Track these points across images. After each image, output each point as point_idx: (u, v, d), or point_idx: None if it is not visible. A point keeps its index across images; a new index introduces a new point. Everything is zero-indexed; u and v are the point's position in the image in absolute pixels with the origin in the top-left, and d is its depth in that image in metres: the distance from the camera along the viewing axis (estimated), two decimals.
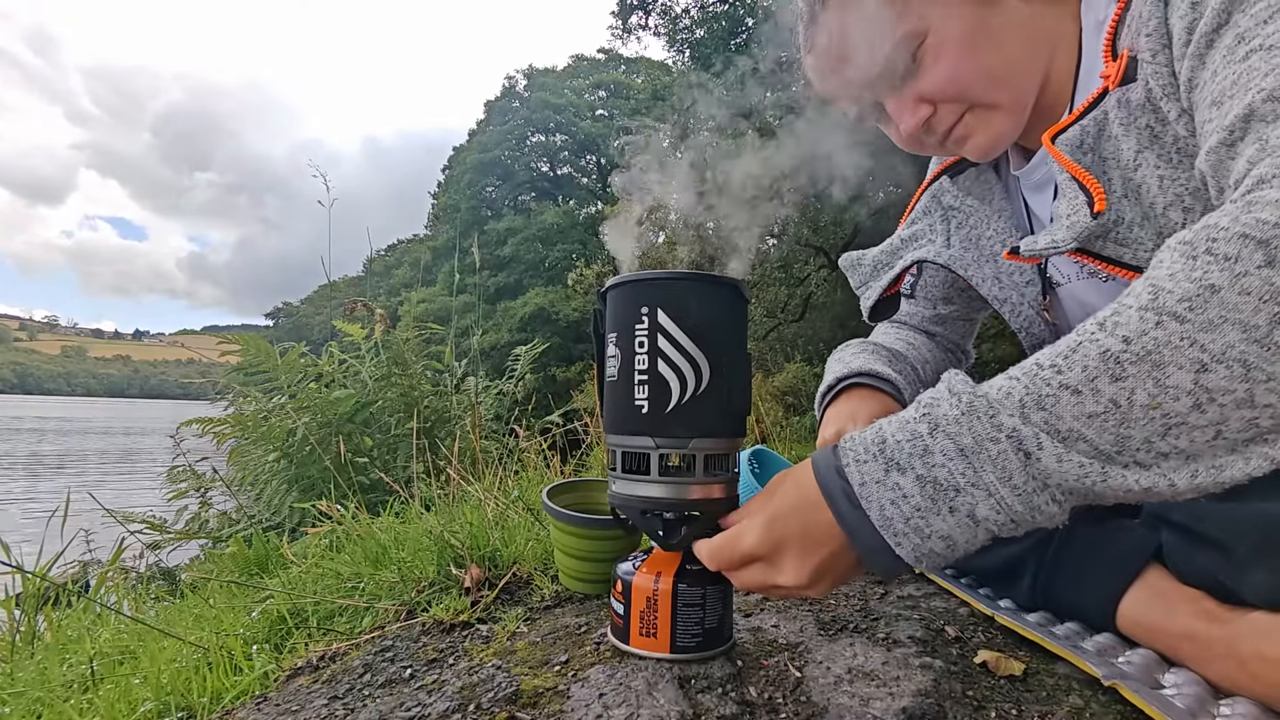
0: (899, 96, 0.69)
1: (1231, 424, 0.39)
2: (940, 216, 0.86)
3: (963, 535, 0.45)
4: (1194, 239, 0.42)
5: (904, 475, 0.46)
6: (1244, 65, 0.48)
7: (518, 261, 23.67)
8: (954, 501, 0.45)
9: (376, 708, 0.61)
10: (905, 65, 0.66)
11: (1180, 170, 0.58)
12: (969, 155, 0.73)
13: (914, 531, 0.46)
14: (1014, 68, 0.66)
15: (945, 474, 0.45)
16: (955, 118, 0.68)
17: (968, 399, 0.45)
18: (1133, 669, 0.56)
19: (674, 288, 0.59)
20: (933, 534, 0.46)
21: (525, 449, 2.22)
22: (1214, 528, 0.55)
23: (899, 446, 0.47)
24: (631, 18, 10.55)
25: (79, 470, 12.58)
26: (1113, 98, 0.60)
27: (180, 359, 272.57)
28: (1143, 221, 0.60)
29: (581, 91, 30.48)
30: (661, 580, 0.61)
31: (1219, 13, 0.51)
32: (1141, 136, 0.59)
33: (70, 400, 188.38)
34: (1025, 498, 0.43)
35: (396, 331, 2.84)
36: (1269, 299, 0.37)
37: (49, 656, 1.10)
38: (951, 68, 0.65)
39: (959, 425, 0.45)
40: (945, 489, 0.45)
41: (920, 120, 0.69)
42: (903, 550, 0.46)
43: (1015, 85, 0.67)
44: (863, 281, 0.93)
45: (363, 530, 1.25)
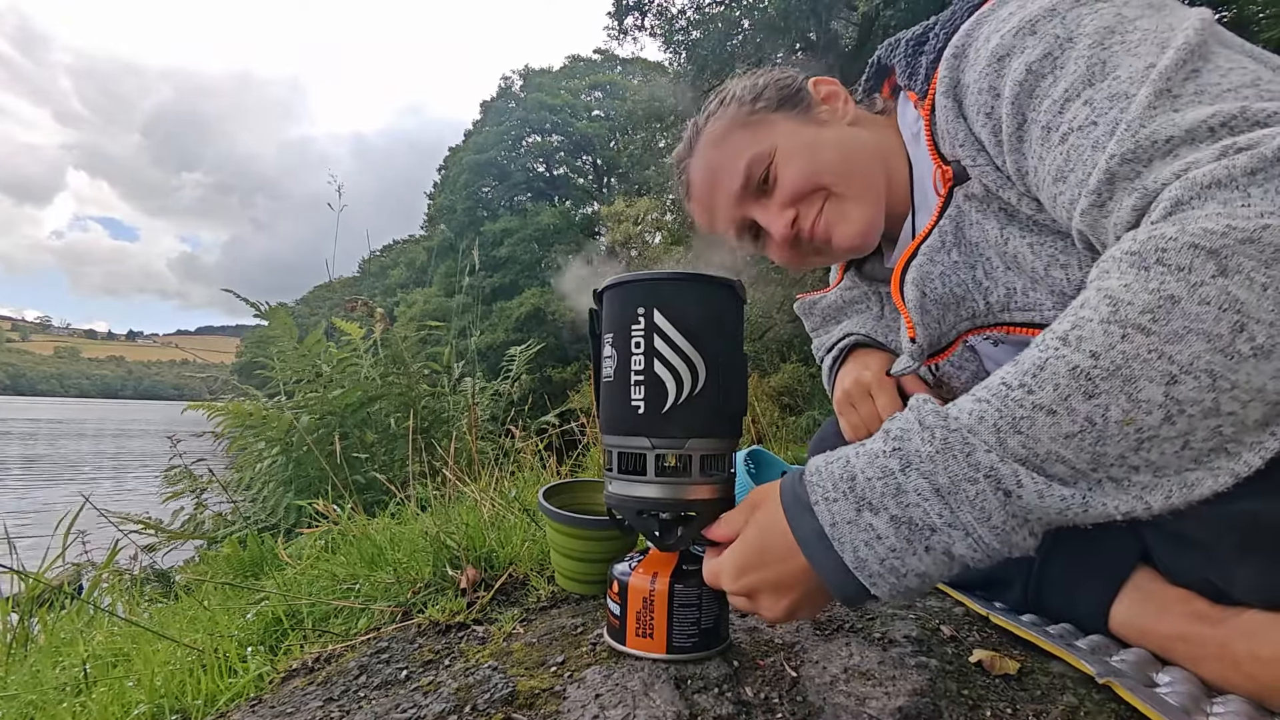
0: (765, 209, 0.77)
1: (1198, 434, 0.40)
2: (872, 289, 0.92)
3: (938, 571, 0.46)
4: (1140, 249, 0.42)
5: (877, 516, 0.45)
6: (1066, 146, 0.51)
7: (514, 262, 23.66)
8: (930, 541, 0.44)
9: (372, 709, 0.60)
10: (762, 178, 0.76)
11: (1043, 236, 0.61)
12: (839, 250, 0.76)
13: (889, 572, 0.46)
14: (853, 163, 0.74)
15: (920, 514, 0.44)
16: (816, 211, 0.75)
17: (941, 434, 0.44)
18: (1126, 667, 0.56)
19: (670, 288, 0.59)
20: (908, 573, 0.45)
21: (521, 449, 2.22)
22: (1196, 528, 0.55)
23: (870, 485, 0.46)
24: (627, 19, 10.55)
25: (73, 472, 12.52)
26: (959, 194, 0.65)
27: (174, 359, 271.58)
28: (1034, 285, 0.64)
29: (578, 92, 30.48)
30: (658, 581, 0.61)
31: (1013, 117, 0.55)
32: (999, 216, 0.63)
33: (63, 401, 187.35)
34: (1003, 535, 0.43)
35: (395, 331, 2.83)
36: (1228, 308, 0.38)
37: (42, 659, 1.10)
38: (799, 166, 0.74)
39: (933, 464, 0.44)
40: (920, 529, 0.44)
41: (788, 222, 0.75)
42: (878, 590, 0.46)
43: (860, 176, 0.74)
44: (814, 328, 1.01)
45: (358, 531, 1.24)
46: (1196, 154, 0.43)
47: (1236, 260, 0.38)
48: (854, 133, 0.76)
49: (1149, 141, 0.46)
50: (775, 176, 0.75)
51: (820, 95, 0.78)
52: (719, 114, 0.79)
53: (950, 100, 0.62)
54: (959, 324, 0.72)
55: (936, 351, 0.75)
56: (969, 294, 0.69)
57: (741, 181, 0.76)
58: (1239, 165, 0.40)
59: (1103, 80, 0.50)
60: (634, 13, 10.47)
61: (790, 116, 0.77)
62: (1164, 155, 0.45)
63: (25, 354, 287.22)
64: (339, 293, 6.07)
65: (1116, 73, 0.50)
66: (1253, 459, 0.40)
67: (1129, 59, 0.49)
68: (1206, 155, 0.43)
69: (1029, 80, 0.53)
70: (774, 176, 0.75)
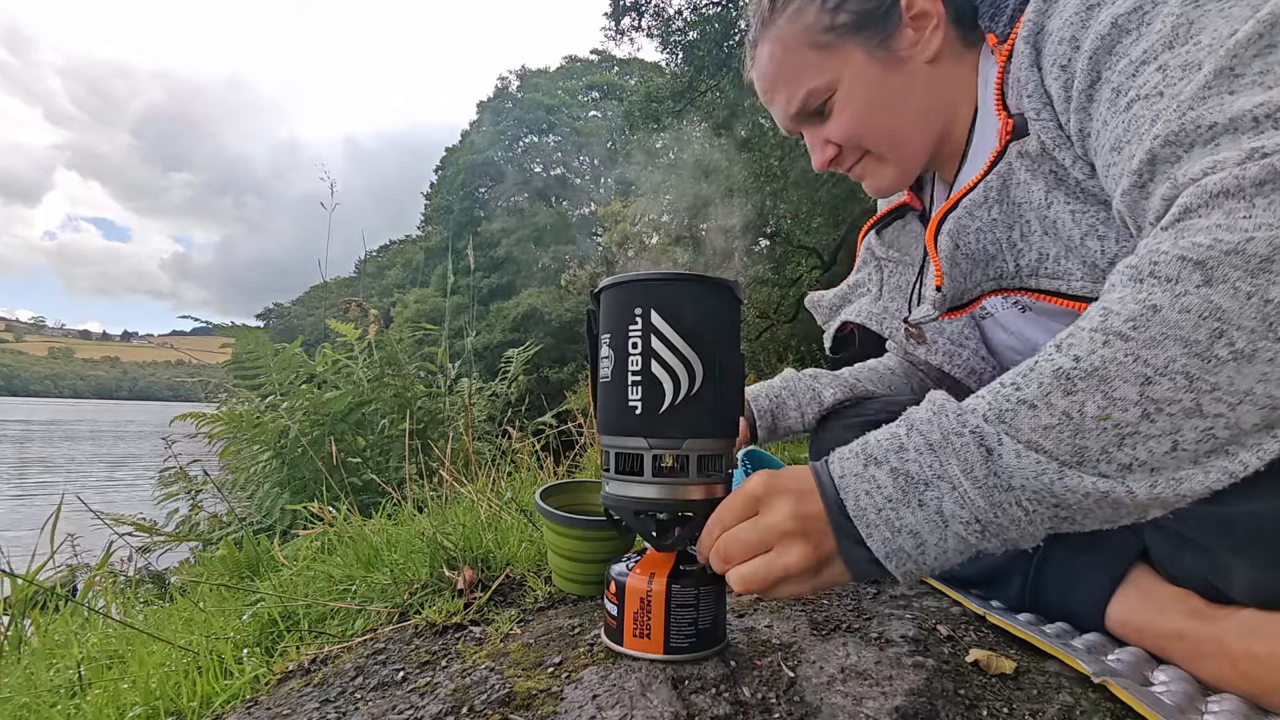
0: (813, 132, 0.80)
1: (1186, 434, 0.41)
2: (875, 267, 0.97)
3: (932, 534, 0.46)
4: (1138, 264, 0.44)
5: (879, 468, 0.48)
6: (1129, 114, 0.51)
7: (511, 262, 23.63)
8: (923, 495, 0.46)
9: (369, 711, 0.60)
10: (816, 111, 0.77)
11: (1087, 205, 0.61)
12: (866, 190, 0.83)
13: (885, 524, 0.47)
14: (906, 130, 0.76)
15: (916, 468, 0.47)
16: (855, 160, 0.80)
17: (940, 403, 0.48)
18: (1122, 666, 0.57)
19: (667, 288, 0.59)
20: (902, 528, 0.47)
21: (518, 450, 2.22)
22: (1197, 528, 0.56)
23: (878, 444, 0.49)
24: (624, 19, 10.56)
25: (68, 473, 12.45)
26: (1013, 150, 0.65)
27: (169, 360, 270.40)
28: (1067, 254, 0.65)
29: (575, 92, 30.48)
30: (655, 581, 0.61)
31: (1088, 73, 0.55)
32: (1048, 180, 0.63)
33: (58, 402, 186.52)
34: (987, 493, 0.44)
35: (390, 332, 2.83)
36: (1208, 315, 0.40)
37: (36, 661, 1.09)
38: (850, 122, 0.76)
39: (930, 424, 0.47)
40: (916, 482, 0.47)
41: (827, 158, 0.80)
42: (873, 543, 0.48)
43: (905, 145, 0.77)
44: (824, 320, 1.06)
45: (355, 532, 1.24)
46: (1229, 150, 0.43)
47: (1222, 271, 0.40)
48: (923, 80, 0.73)
49: (1193, 126, 0.45)
50: (830, 112, 0.76)
51: (911, 14, 0.72)
52: (797, 9, 0.74)
53: (1029, 47, 0.60)
54: (984, 283, 0.73)
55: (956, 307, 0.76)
56: (1001, 254, 0.69)
57: (797, 108, 0.78)
58: (1249, 175, 0.41)
59: (1183, 44, 0.48)
60: (631, 13, 10.47)
61: (866, 45, 0.73)
62: (1205, 143, 0.45)
63: (20, 355, 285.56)
64: (335, 293, 6.07)
65: (1199, 37, 0.47)
66: (1250, 459, 0.41)
67: (1218, 21, 0.46)
68: (1233, 156, 0.42)
69: (1111, 35, 0.51)
70: (829, 111, 0.76)
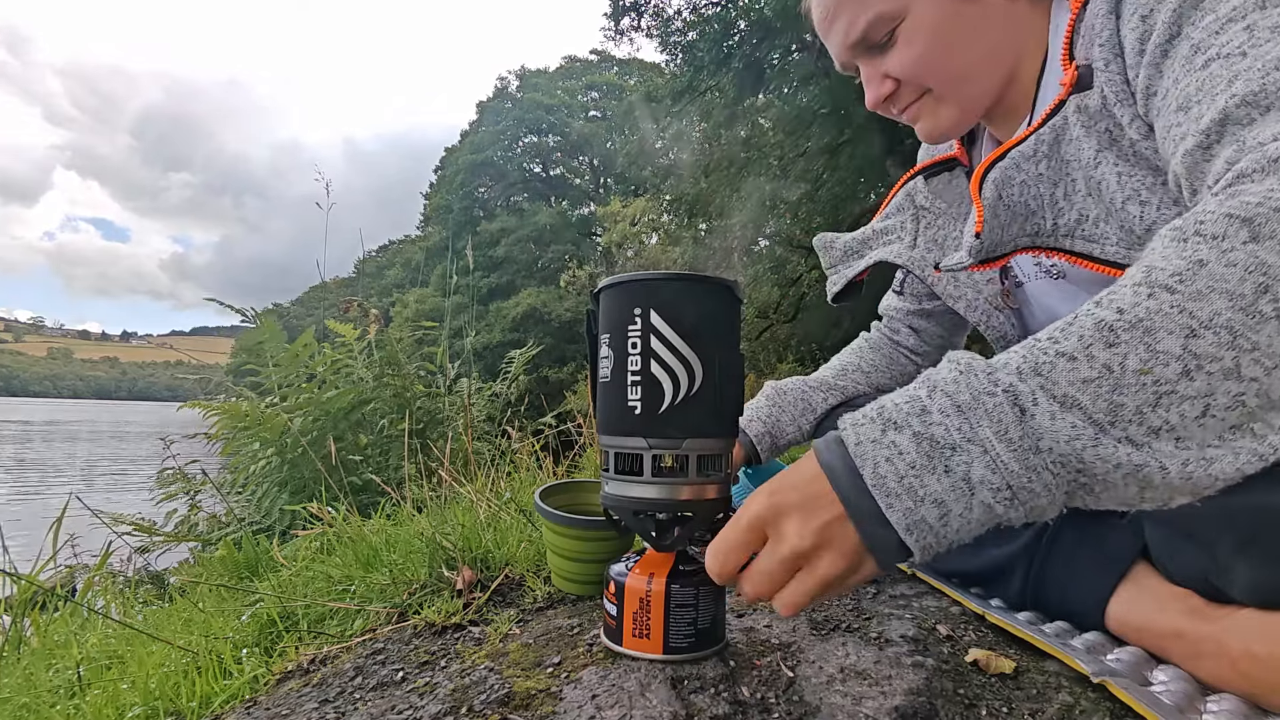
0: (871, 65, 0.75)
1: (1219, 399, 0.40)
2: (911, 215, 0.92)
3: (957, 502, 0.43)
4: (1183, 225, 0.43)
5: (900, 433, 0.45)
6: (1205, 73, 0.50)
7: (511, 262, 23.63)
8: (950, 460, 0.43)
9: (368, 711, 0.60)
10: (880, 41, 0.72)
11: (1136, 168, 0.60)
12: (918, 134, 0.78)
13: (907, 493, 0.44)
14: (974, 70, 0.72)
15: (942, 430, 0.44)
16: (913, 98, 0.75)
17: (966, 362, 0.45)
18: (1121, 666, 0.57)
19: (667, 288, 0.59)
20: (926, 496, 0.44)
21: (518, 450, 2.22)
22: (1198, 525, 0.55)
23: (897, 409, 0.46)
24: (624, 20, 10.55)
25: (67, 474, 12.44)
26: (1072, 103, 0.63)
27: (169, 360, 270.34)
28: (1106, 217, 0.63)
29: (574, 92, 30.48)
30: (654, 581, 0.61)
31: (1169, 25, 0.53)
32: (1101, 139, 0.62)
33: (57, 402, 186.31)
34: (1022, 456, 0.42)
35: (390, 331, 2.83)
36: (1254, 270, 0.39)
37: (35, 662, 1.09)
38: (917, 56, 0.71)
39: (956, 384, 0.44)
40: (941, 446, 0.44)
41: (884, 94, 0.75)
42: (894, 515, 0.44)
43: (970, 86, 0.73)
44: (832, 264, 0.98)
45: (354, 532, 1.24)
46: None
47: (1270, 227, 0.39)
48: (999, 16, 0.70)
49: (1275, 88, 0.44)
50: (895, 43, 0.71)
51: None
52: None
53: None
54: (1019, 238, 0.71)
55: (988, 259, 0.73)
56: (1041, 210, 0.68)
57: (858, 37, 0.73)
58: None
59: (1276, 5, 0.47)
60: (630, 14, 10.47)
61: None
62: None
63: (19, 355, 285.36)
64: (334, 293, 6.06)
65: None
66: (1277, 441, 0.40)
67: None
68: None
69: None
70: (893, 41, 0.71)
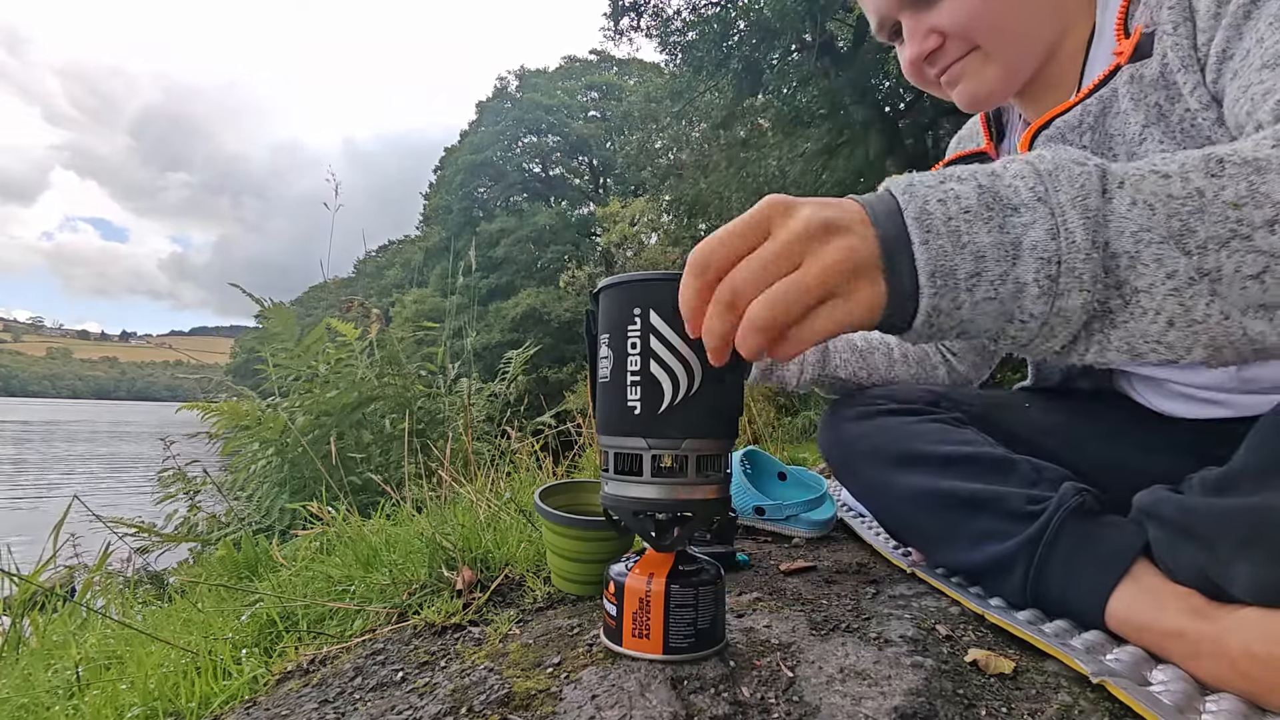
0: (916, 20, 0.71)
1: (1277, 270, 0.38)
2: None
3: (997, 265, 0.40)
4: None
5: (963, 184, 0.41)
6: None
7: (510, 262, 23.63)
8: (1008, 219, 0.40)
9: (367, 711, 0.60)
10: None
11: (1180, 147, 0.59)
12: (956, 100, 0.75)
13: (950, 234, 0.40)
14: (1026, 26, 0.69)
15: (1010, 190, 0.41)
16: (958, 55, 0.71)
17: (1054, 148, 0.43)
18: (1121, 666, 0.57)
19: (667, 289, 0.59)
20: (969, 245, 0.40)
21: (517, 450, 2.22)
22: (1200, 523, 0.55)
23: (963, 169, 0.43)
24: (623, 20, 10.56)
25: (66, 474, 12.44)
26: (1125, 73, 0.62)
27: (168, 360, 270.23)
28: None
29: (574, 93, 30.47)
30: (654, 581, 0.61)
31: None
32: (1149, 113, 0.61)
33: (56, 402, 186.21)
34: (1089, 228, 0.39)
35: (390, 331, 2.83)
36: None
37: (34, 662, 1.09)
38: (971, 7, 0.67)
39: (1040, 156, 0.42)
40: (1005, 203, 0.41)
41: (926, 50, 0.71)
42: (925, 252, 0.40)
43: (1021, 44, 0.69)
44: None
45: (354, 532, 1.24)
46: None
47: None
48: None
49: None
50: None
51: None
52: None
53: None
54: None
55: None
56: None
57: None
58: None
59: None
60: (630, 14, 10.47)
61: None
62: None
63: (18, 355, 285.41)
64: (334, 293, 6.05)
65: None
66: None
67: None
68: None
69: None
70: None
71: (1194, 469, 0.60)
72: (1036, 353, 0.45)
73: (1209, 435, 0.73)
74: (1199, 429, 0.76)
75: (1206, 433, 0.74)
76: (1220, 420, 0.73)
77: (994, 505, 0.72)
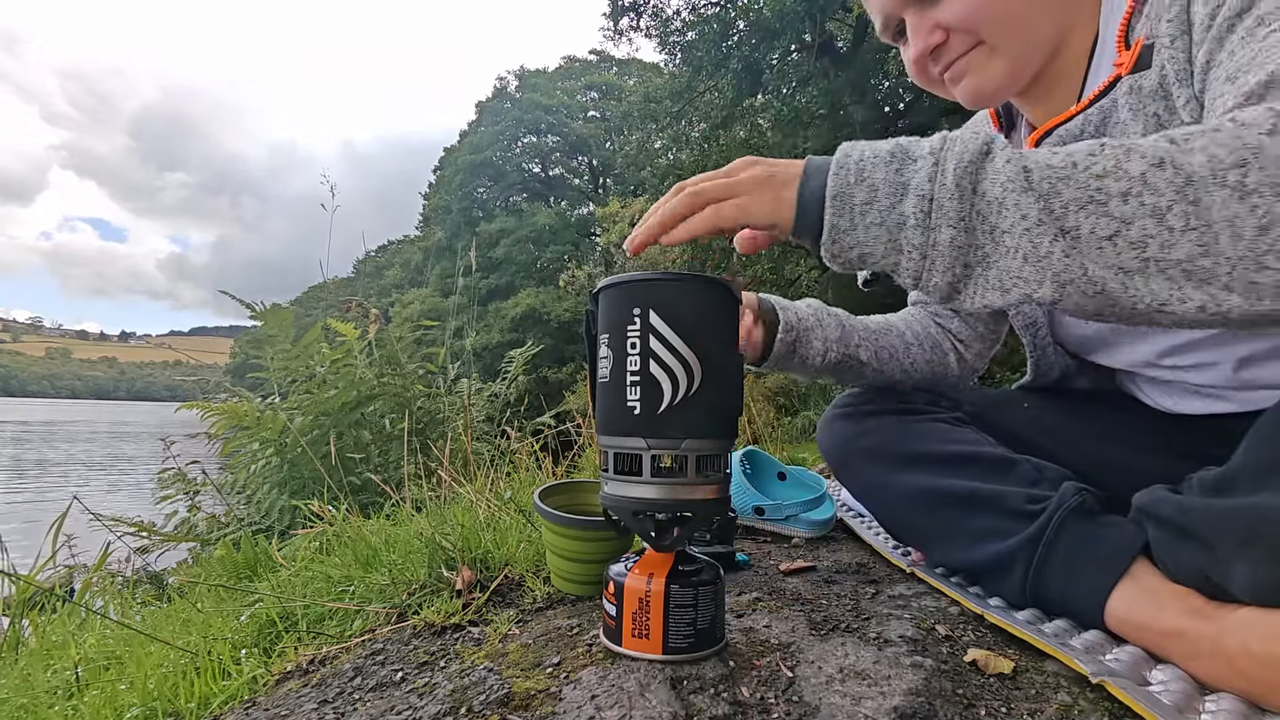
0: (920, 16, 0.72)
1: (1131, 230, 0.45)
2: None
3: (885, 198, 0.51)
4: None
5: (888, 142, 0.53)
6: (1262, 44, 0.50)
7: (510, 262, 23.62)
8: (904, 166, 0.51)
9: (367, 711, 0.60)
10: None
11: None
12: (960, 96, 0.75)
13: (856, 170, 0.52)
14: (1029, 20, 0.69)
15: (916, 148, 0.53)
16: (962, 50, 0.72)
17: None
18: (1120, 666, 0.57)
19: (666, 289, 0.59)
20: (865, 179, 0.52)
21: (517, 450, 2.22)
22: (1199, 523, 0.55)
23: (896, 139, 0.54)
24: (623, 20, 10.56)
25: (66, 474, 12.43)
26: (1125, 83, 0.63)
27: (167, 360, 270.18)
28: None
29: (573, 93, 30.47)
30: (654, 581, 0.61)
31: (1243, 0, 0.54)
32: (1148, 124, 0.61)
33: (55, 402, 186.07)
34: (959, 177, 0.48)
35: (390, 331, 2.83)
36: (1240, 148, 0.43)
37: (33, 662, 1.09)
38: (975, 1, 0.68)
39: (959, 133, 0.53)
40: (907, 155, 0.52)
41: (930, 45, 0.72)
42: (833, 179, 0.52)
43: (1024, 37, 0.70)
44: None
45: (353, 532, 1.24)
46: None
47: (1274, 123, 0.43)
48: None
49: None
50: None
51: None
52: None
53: None
54: None
55: None
56: None
57: None
58: None
59: None
60: (629, 14, 10.47)
61: None
62: None
63: (17, 355, 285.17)
64: (334, 293, 6.06)
65: None
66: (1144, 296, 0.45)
67: None
68: None
69: None
70: None
71: (1193, 469, 0.61)
72: (930, 290, 0.52)
73: (1208, 435, 0.73)
74: (1198, 429, 0.76)
75: (1205, 432, 0.74)
76: (1222, 416, 0.73)
77: (994, 504, 0.72)
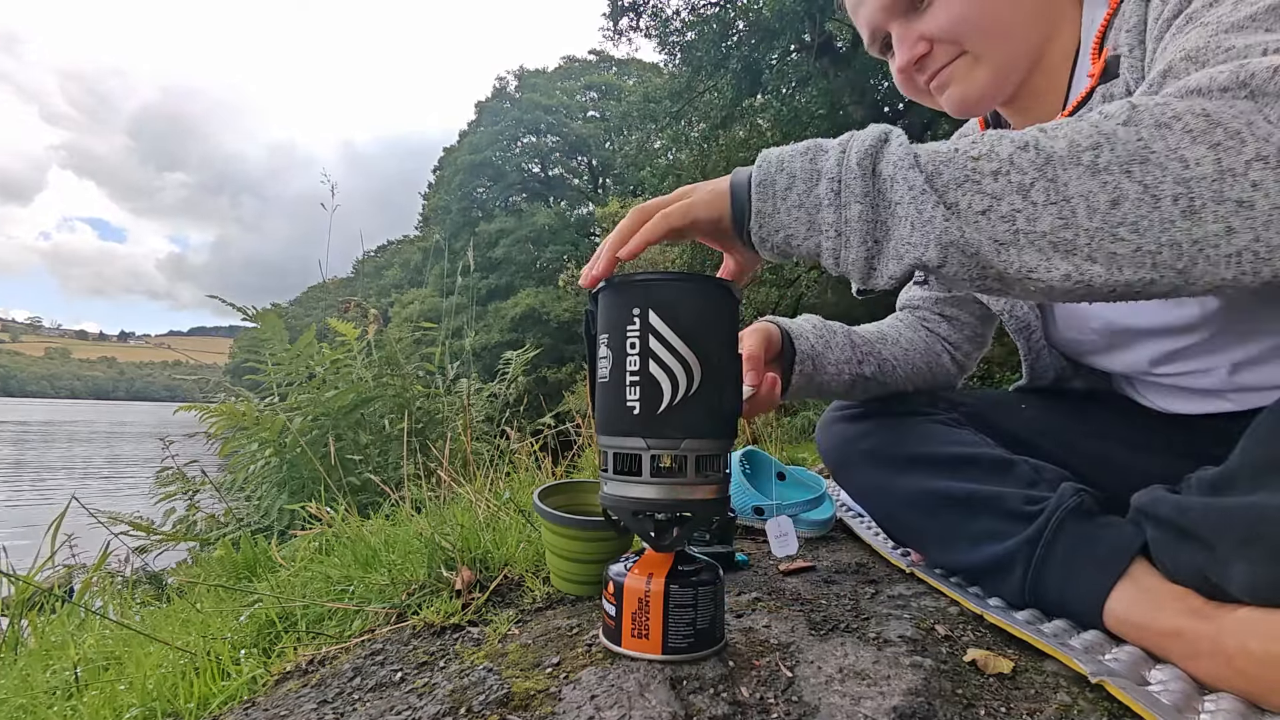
0: (905, 29, 0.74)
1: (1001, 206, 0.49)
2: None
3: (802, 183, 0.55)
4: None
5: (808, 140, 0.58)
6: (1176, 38, 0.53)
7: (509, 263, 23.62)
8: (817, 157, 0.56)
9: (366, 711, 0.60)
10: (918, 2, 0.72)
11: None
12: (946, 105, 0.77)
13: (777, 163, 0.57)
14: (1011, 28, 0.72)
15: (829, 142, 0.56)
16: (947, 60, 0.74)
17: None
18: (1120, 666, 0.57)
19: (665, 289, 0.59)
20: (785, 169, 0.56)
21: (516, 451, 2.21)
22: (1197, 523, 0.56)
23: None
24: (622, 20, 10.56)
25: (65, 473, 12.42)
26: (1098, 94, 0.64)
27: (166, 360, 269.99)
28: None
29: (573, 93, 30.47)
30: (653, 581, 0.61)
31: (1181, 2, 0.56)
32: None
33: (54, 402, 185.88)
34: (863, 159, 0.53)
35: (389, 331, 2.82)
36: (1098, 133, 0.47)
37: (32, 662, 1.09)
38: (957, 12, 0.71)
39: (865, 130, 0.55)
40: (821, 148, 0.56)
41: (915, 56, 0.74)
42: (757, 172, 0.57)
43: (1007, 45, 0.72)
44: None
45: (353, 533, 1.24)
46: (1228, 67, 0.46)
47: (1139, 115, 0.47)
48: None
49: (1216, 46, 0.48)
50: (933, 3, 0.71)
51: None
52: None
53: None
54: None
55: None
56: None
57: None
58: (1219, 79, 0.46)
59: None
60: (629, 14, 10.47)
61: None
62: (1217, 63, 0.48)
63: (16, 355, 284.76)
64: (333, 293, 6.05)
65: None
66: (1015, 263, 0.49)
67: None
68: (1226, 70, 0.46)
69: None
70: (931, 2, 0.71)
71: (1190, 469, 0.61)
72: (850, 268, 0.56)
73: (1205, 434, 0.73)
74: (1196, 428, 0.76)
75: (1203, 432, 0.74)
76: (1219, 416, 0.73)
77: (993, 505, 0.72)
